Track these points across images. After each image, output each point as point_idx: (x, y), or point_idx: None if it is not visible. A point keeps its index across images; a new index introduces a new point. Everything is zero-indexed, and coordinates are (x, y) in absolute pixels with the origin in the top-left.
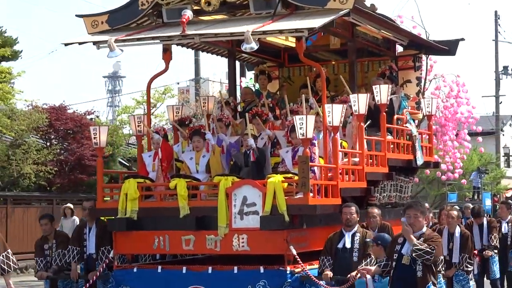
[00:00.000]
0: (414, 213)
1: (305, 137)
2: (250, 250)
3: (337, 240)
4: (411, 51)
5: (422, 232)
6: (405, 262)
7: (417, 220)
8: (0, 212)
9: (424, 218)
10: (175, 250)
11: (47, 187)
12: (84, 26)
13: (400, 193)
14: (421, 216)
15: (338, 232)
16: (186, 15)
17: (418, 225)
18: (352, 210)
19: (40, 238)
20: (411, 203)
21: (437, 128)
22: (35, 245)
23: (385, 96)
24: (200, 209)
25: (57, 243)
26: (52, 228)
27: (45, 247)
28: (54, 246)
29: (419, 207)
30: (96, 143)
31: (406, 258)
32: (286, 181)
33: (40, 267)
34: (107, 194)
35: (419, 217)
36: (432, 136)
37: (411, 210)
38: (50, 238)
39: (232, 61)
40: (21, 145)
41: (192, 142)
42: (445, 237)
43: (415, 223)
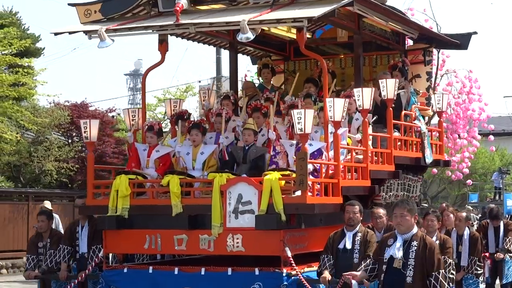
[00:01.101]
0: (401, 212)
1: (303, 133)
2: (245, 250)
3: (338, 239)
4: (421, 44)
5: (413, 234)
6: (396, 265)
7: (404, 219)
8: (22, 208)
9: (412, 217)
10: (167, 250)
11: (69, 184)
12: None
13: (408, 192)
14: (408, 215)
15: (340, 231)
16: (180, 3)
17: (405, 224)
18: (356, 209)
19: (35, 234)
20: (398, 202)
21: (448, 125)
22: (29, 242)
23: (391, 90)
24: (193, 208)
25: (51, 242)
26: (49, 226)
27: (39, 245)
28: (48, 245)
29: (405, 205)
30: (86, 137)
31: (397, 262)
32: (283, 179)
33: (30, 265)
34: (98, 191)
35: (406, 216)
36: (442, 133)
37: (397, 209)
38: (45, 236)
39: (233, 53)
40: (43, 142)
41: (190, 136)
42: (453, 239)
43: (402, 223)
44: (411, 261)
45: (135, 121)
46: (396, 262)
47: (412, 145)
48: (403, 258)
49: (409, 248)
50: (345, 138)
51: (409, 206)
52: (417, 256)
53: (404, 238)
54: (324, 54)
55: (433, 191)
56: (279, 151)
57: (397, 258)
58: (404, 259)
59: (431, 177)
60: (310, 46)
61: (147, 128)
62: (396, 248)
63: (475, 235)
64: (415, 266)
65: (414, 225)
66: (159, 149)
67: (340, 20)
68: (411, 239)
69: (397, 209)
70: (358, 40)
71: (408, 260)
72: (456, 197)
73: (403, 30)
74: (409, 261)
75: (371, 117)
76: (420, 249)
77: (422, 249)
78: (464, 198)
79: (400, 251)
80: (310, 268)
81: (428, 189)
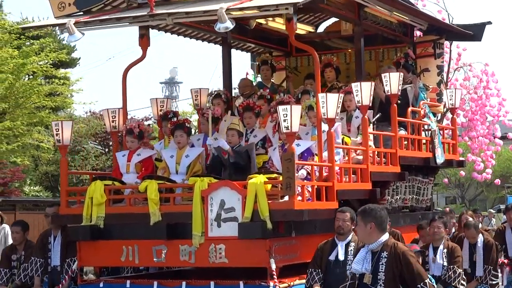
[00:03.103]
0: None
1: (290, 131)
2: (228, 262)
3: (329, 250)
4: (431, 36)
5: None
6: (366, 281)
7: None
8: None
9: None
10: (145, 262)
11: None
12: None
13: (418, 195)
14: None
15: (330, 241)
16: None
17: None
18: (346, 216)
19: (9, 246)
20: (361, 209)
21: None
22: (1, 254)
23: (395, 85)
24: (173, 215)
25: (25, 255)
26: (24, 238)
27: (12, 258)
28: (23, 258)
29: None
30: (58, 140)
31: (367, 277)
32: (270, 182)
33: (2, 280)
34: (72, 198)
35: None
36: (455, 131)
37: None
38: (19, 249)
39: (227, 49)
40: (80, 151)
41: (174, 137)
42: (466, 248)
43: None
44: (381, 275)
45: (116, 123)
46: (366, 277)
47: (421, 144)
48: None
49: (379, 260)
50: (339, 136)
51: None
52: (387, 269)
53: (371, 248)
54: (328, 48)
55: (470, 194)
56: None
57: (367, 273)
58: (373, 273)
59: (468, 180)
60: (313, 41)
61: (126, 131)
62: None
63: (489, 242)
64: (385, 281)
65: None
66: (140, 153)
67: (338, 10)
68: (381, 249)
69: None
70: (359, 32)
71: (377, 274)
72: (494, 200)
73: (411, 21)
74: (379, 275)
75: (374, 115)
76: (390, 260)
77: (393, 260)
78: (502, 201)
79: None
80: (302, 280)
81: (466, 193)
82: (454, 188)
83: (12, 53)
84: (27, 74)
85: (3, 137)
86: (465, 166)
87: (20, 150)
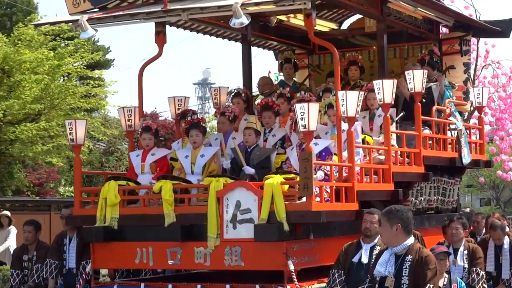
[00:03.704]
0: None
1: (307, 130)
2: (244, 265)
3: (353, 252)
4: (458, 33)
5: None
6: (388, 285)
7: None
8: None
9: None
10: (159, 264)
11: None
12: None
13: (444, 196)
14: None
15: (355, 243)
16: None
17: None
18: (374, 218)
19: (20, 247)
20: (386, 209)
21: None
22: (13, 255)
23: (419, 83)
24: (188, 217)
25: (37, 255)
26: (36, 238)
27: (24, 258)
28: (34, 259)
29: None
30: (72, 139)
31: (390, 280)
32: (286, 183)
33: (15, 281)
34: (86, 199)
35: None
36: (483, 131)
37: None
38: (31, 249)
39: (246, 46)
40: (114, 152)
41: (190, 137)
42: (491, 249)
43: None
44: (405, 279)
45: (132, 121)
46: (388, 280)
47: (446, 144)
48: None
49: (403, 263)
50: (359, 135)
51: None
52: (411, 272)
53: (396, 251)
54: (352, 46)
55: (505, 196)
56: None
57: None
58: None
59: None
60: (337, 38)
61: (143, 128)
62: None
63: None
64: (409, 285)
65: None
66: (154, 152)
67: (360, 5)
68: (406, 252)
69: None
70: (382, 29)
71: (401, 277)
72: None
73: (436, 17)
74: (403, 279)
75: (397, 113)
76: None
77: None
78: None
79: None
80: (321, 283)
81: (501, 194)
82: (488, 189)
83: (47, 54)
84: (62, 75)
85: (38, 138)
86: (492, 167)
87: (55, 151)
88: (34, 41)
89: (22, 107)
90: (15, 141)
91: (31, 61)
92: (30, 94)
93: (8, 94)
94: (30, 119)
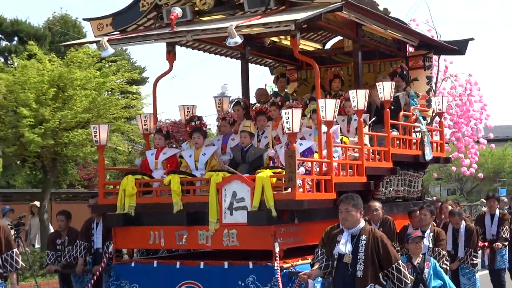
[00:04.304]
0: (345, 208)
1: (291, 132)
2: (239, 245)
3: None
4: (421, 51)
5: (361, 228)
6: (346, 260)
7: (349, 214)
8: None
9: (358, 211)
10: (169, 245)
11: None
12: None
13: (409, 187)
14: (353, 210)
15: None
16: (174, 12)
17: (351, 219)
18: None
19: (54, 232)
20: (342, 197)
21: (450, 125)
22: (48, 239)
23: (388, 93)
24: (192, 205)
25: (69, 239)
26: (67, 225)
27: (57, 242)
28: (66, 242)
29: (350, 200)
30: (96, 141)
31: (347, 257)
32: (275, 176)
33: (50, 260)
34: (109, 191)
35: (351, 211)
36: (443, 132)
37: (342, 204)
38: (63, 234)
39: (245, 63)
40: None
41: (192, 139)
42: (450, 232)
43: (347, 218)
44: (361, 255)
45: (147, 126)
46: (345, 257)
47: (411, 144)
48: (351, 253)
49: (358, 242)
50: (338, 136)
51: (353, 201)
52: (366, 250)
53: (352, 232)
54: (334, 63)
55: (468, 187)
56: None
57: (346, 254)
58: (353, 254)
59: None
60: (321, 56)
61: (156, 130)
62: (342, 243)
63: (470, 228)
64: (365, 260)
65: (360, 219)
66: (166, 152)
67: (339, 28)
68: (360, 233)
69: (342, 205)
70: (357, 48)
71: (357, 254)
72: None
73: (404, 38)
74: (359, 255)
75: (370, 118)
76: (369, 243)
77: (372, 243)
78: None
79: (347, 246)
80: (304, 260)
81: (464, 186)
82: (454, 181)
83: (94, 73)
84: (107, 90)
85: (87, 141)
86: (451, 163)
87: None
88: (84, 63)
89: (74, 116)
90: (68, 144)
91: (81, 79)
92: (80, 106)
93: (62, 106)
94: (81, 126)
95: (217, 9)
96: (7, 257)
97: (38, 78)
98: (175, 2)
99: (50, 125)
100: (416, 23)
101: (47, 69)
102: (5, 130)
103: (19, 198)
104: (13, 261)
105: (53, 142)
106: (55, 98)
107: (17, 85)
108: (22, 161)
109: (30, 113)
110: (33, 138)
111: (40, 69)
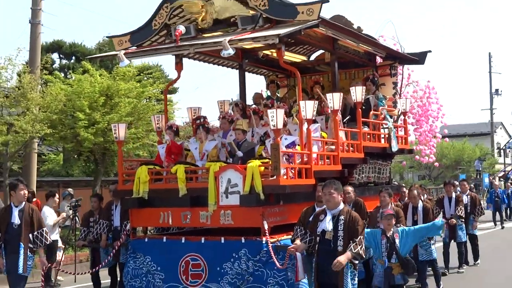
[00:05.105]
0: (329, 191)
1: (276, 128)
2: (233, 223)
3: (310, 213)
4: (388, 61)
5: (340, 209)
6: (328, 237)
7: (332, 196)
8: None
9: (339, 194)
10: (176, 223)
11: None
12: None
13: (379, 174)
14: (335, 193)
15: (312, 207)
16: (178, 29)
17: (333, 201)
18: None
19: (88, 211)
20: (326, 183)
21: (412, 122)
22: (83, 217)
23: (360, 95)
24: (195, 190)
25: (99, 218)
26: (99, 206)
27: (90, 220)
28: (97, 220)
29: (332, 184)
30: (116, 137)
31: (329, 234)
32: (263, 165)
33: (82, 236)
34: (126, 178)
35: (333, 194)
36: (406, 128)
37: (325, 188)
38: (95, 213)
39: (242, 72)
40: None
41: (197, 134)
42: (409, 210)
43: (330, 200)
44: (340, 233)
45: (159, 124)
46: (327, 234)
47: (380, 138)
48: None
49: (338, 221)
50: (318, 131)
51: (335, 185)
52: (345, 227)
53: (333, 213)
54: (318, 71)
55: (435, 173)
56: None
57: (328, 231)
58: (334, 231)
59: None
60: (306, 66)
61: (167, 127)
62: (327, 222)
63: (427, 207)
64: (344, 236)
65: (340, 201)
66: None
67: (318, 42)
68: (339, 213)
69: (325, 189)
70: (334, 59)
71: (337, 231)
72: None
73: (373, 51)
74: (339, 233)
75: (345, 117)
76: (347, 222)
77: (349, 222)
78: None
79: (330, 224)
80: (288, 235)
81: (432, 172)
82: (424, 169)
83: (135, 85)
84: (145, 98)
85: (130, 139)
86: (413, 153)
87: (141, 147)
88: (127, 76)
89: (119, 119)
90: (114, 142)
91: (124, 89)
92: (124, 111)
93: (110, 111)
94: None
95: (216, 27)
96: (38, 235)
97: (91, 89)
98: (181, 22)
99: (101, 126)
100: (384, 39)
101: (98, 82)
102: (65, 130)
103: (76, 185)
104: (43, 238)
105: (102, 139)
106: (104, 105)
107: (74, 94)
108: (78, 155)
109: (85, 116)
110: (87, 137)
111: (92, 82)
